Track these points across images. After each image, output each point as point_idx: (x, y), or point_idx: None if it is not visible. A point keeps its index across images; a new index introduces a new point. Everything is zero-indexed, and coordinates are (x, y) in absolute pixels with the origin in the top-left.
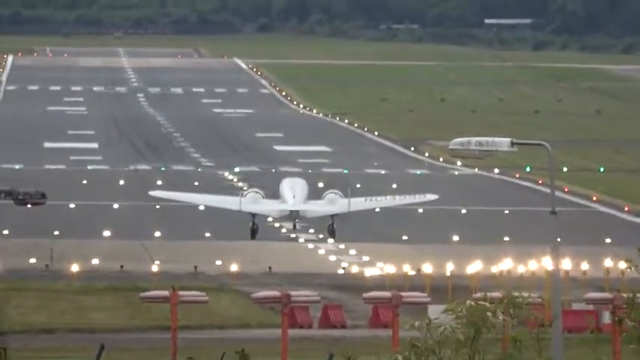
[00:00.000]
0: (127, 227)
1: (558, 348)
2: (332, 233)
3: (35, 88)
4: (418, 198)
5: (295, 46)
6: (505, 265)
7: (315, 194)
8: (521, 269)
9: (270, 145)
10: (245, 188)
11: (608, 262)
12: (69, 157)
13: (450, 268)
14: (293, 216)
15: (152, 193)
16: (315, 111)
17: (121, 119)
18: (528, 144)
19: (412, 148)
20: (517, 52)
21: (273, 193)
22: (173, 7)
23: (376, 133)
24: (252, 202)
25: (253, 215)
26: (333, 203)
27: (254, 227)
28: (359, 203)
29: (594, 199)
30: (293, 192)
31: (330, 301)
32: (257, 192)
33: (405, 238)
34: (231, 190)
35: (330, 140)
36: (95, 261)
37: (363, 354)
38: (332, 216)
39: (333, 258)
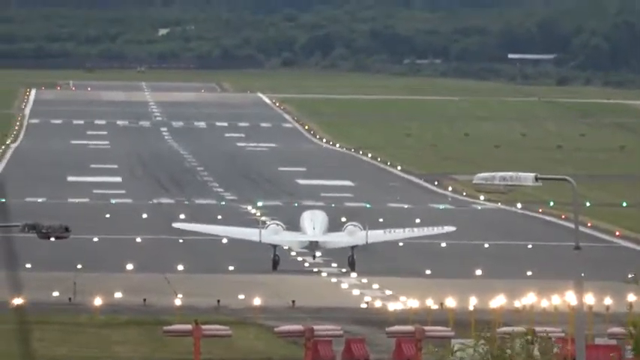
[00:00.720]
0: (150, 261)
1: None
2: (352, 265)
3: (59, 122)
4: (436, 230)
5: (318, 80)
6: (528, 299)
7: (336, 227)
8: (544, 304)
9: (292, 179)
10: (266, 221)
11: (631, 297)
12: (92, 190)
13: (473, 302)
14: (312, 247)
15: (175, 225)
16: (338, 145)
17: (145, 153)
18: (552, 179)
19: (435, 183)
20: (540, 87)
21: (295, 227)
22: (197, 42)
23: (399, 168)
24: (273, 233)
25: (274, 247)
26: (352, 235)
27: (275, 258)
28: (378, 235)
29: (617, 234)
30: (313, 224)
31: (353, 335)
32: (278, 224)
33: (428, 272)
34: (254, 224)
35: (353, 175)
36: (118, 294)
37: None
38: (352, 248)
39: (356, 292)
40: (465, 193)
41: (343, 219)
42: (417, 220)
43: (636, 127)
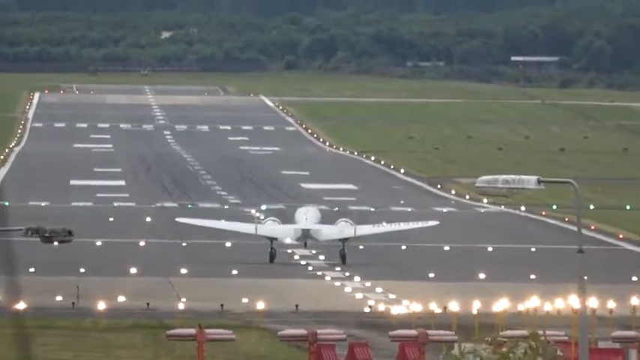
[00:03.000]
0: (153, 265)
1: None
2: (343, 258)
3: (62, 125)
4: (421, 224)
5: (321, 83)
6: (532, 303)
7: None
8: (547, 307)
9: (296, 182)
10: (262, 218)
11: (634, 301)
12: (95, 194)
13: (476, 306)
14: (304, 235)
15: (178, 219)
16: (341, 149)
17: (148, 156)
18: (555, 182)
19: (439, 186)
20: (544, 90)
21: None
22: (200, 45)
23: (402, 171)
24: (268, 227)
25: (271, 241)
26: (342, 228)
27: (272, 252)
28: (366, 229)
29: (621, 237)
30: (305, 216)
31: (357, 339)
32: (274, 220)
33: (431, 275)
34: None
35: (357, 178)
36: (121, 298)
37: None
38: (343, 242)
39: (359, 296)
40: (468, 196)
41: (336, 208)
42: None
43: (639, 129)
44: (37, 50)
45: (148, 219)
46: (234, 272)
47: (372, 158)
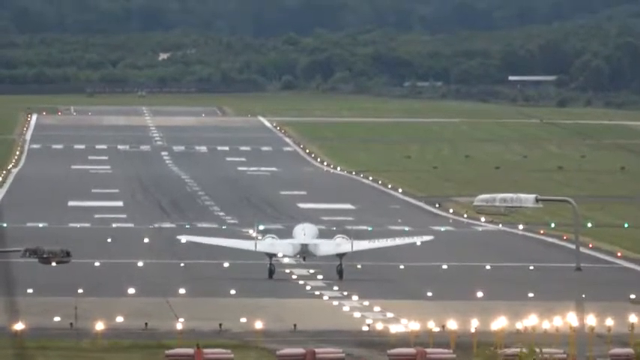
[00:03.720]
0: (151, 285)
1: None
2: (340, 273)
3: (59, 146)
4: (416, 239)
5: (319, 103)
6: (530, 321)
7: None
8: (545, 325)
9: (294, 202)
10: (260, 237)
11: (632, 318)
12: (93, 215)
13: (474, 324)
14: (303, 250)
15: (180, 237)
16: (339, 168)
17: (146, 177)
18: (553, 200)
19: (437, 205)
20: (541, 109)
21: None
22: (197, 66)
23: (400, 190)
24: (267, 243)
25: (270, 257)
26: (340, 243)
27: (271, 268)
28: (362, 244)
29: (619, 255)
30: (304, 232)
31: (355, 358)
32: (273, 237)
33: (429, 294)
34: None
35: (354, 198)
36: (120, 319)
37: None
38: (340, 257)
39: (357, 315)
40: (465, 215)
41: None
42: (418, 243)
43: (637, 148)
44: (34, 72)
45: (146, 239)
46: (233, 292)
47: (370, 178)
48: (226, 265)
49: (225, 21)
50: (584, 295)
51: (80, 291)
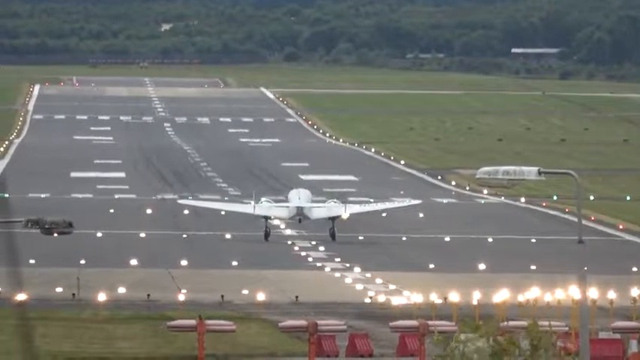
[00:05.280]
0: (153, 256)
1: None
2: (332, 235)
3: (62, 117)
4: (406, 202)
5: (322, 75)
6: (532, 293)
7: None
8: (547, 298)
9: (296, 174)
10: (261, 199)
11: (635, 291)
12: (96, 186)
13: (476, 296)
14: (298, 212)
15: (180, 201)
16: (341, 140)
17: (148, 149)
18: (555, 173)
19: (439, 177)
20: (544, 81)
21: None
22: (199, 37)
23: (403, 162)
24: (264, 207)
25: (266, 219)
26: (332, 207)
27: (267, 230)
28: (354, 207)
29: (621, 227)
30: (298, 195)
31: (357, 329)
32: (269, 200)
33: (431, 266)
34: (256, 218)
35: (357, 169)
36: (122, 290)
37: None
38: (332, 220)
39: (359, 287)
40: (468, 188)
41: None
42: (420, 215)
43: (639, 120)
44: (36, 43)
45: (149, 210)
46: (235, 263)
47: (372, 149)
48: (228, 236)
49: None
50: (586, 268)
51: (82, 262)
